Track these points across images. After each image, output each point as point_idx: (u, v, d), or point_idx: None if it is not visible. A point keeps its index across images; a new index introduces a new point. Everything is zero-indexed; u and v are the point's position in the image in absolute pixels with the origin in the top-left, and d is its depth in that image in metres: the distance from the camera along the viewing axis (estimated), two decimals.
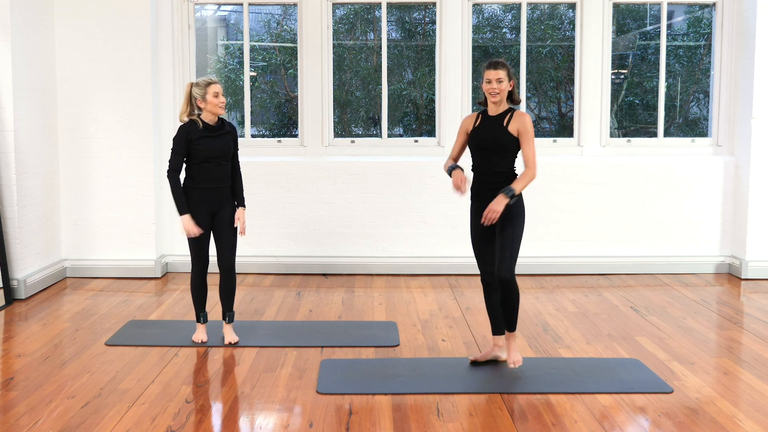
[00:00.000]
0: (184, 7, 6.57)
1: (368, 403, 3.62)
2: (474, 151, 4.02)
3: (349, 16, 7.60)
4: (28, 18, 5.77)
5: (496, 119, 3.95)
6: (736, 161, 6.54)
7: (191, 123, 4.33)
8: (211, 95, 4.29)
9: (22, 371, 4.05)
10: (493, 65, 3.89)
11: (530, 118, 3.95)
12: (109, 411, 3.51)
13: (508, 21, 7.71)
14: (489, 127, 3.95)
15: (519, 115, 3.94)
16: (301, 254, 6.57)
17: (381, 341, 4.58)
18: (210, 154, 4.31)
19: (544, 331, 4.84)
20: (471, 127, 4.03)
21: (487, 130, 3.94)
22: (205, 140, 4.31)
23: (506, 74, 3.88)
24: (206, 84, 4.31)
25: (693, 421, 3.41)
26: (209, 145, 4.31)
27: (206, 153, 4.31)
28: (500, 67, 3.87)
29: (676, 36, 7.82)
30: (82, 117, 6.26)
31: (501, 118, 3.94)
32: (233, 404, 3.61)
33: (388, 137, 6.80)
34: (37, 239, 5.91)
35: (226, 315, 4.55)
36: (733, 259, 6.52)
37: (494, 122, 3.95)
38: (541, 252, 6.53)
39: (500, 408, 3.56)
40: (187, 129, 4.32)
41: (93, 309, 5.36)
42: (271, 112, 8.04)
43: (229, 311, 4.55)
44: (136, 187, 6.32)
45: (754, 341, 4.63)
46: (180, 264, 6.55)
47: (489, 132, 3.93)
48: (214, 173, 4.35)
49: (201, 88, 4.30)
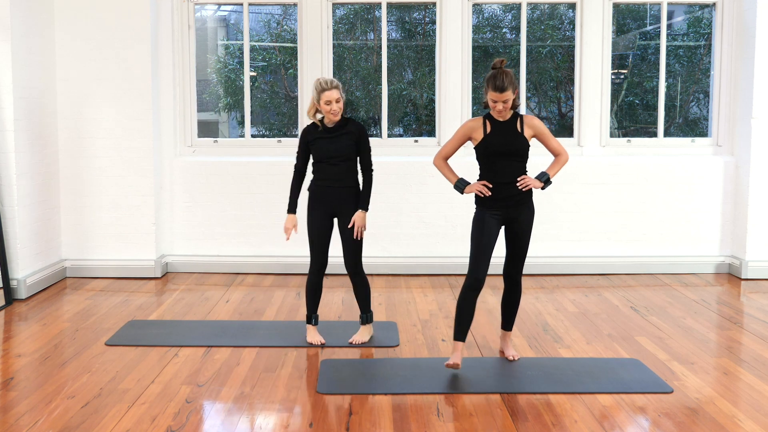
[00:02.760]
0: (184, 7, 6.57)
1: (368, 403, 3.62)
2: (489, 158, 3.97)
3: (349, 16, 7.60)
4: (28, 18, 5.77)
5: (508, 125, 3.96)
6: (736, 161, 6.54)
7: (311, 125, 4.45)
8: (323, 103, 4.30)
9: (22, 371, 4.05)
10: (499, 89, 3.81)
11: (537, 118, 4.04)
12: (109, 411, 3.51)
13: (508, 21, 7.71)
14: (504, 133, 3.94)
15: (528, 118, 3.99)
16: (300, 254, 6.56)
17: (381, 341, 4.58)
18: (324, 154, 4.38)
19: (544, 331, 4.85)
20: (482, 134, 3.97)
21: (503, 136, 3.94)
22: (320, 141, 4.38)
23: (512, 92, 3.84)
24: (321, 90, 4.30)
25: (693, 421, 3.41)
26: (323, 146, 4.37)
27: (320, 153, 4.39)
28: (506, 90, 3.81)
29: (676, 36, 7.83)
30: (82, 117, 6.26)
31: (512, 123, 3.96)
32: (233, 404, 3.61)
33: (388, 137, 6.80)
34: (37, 239, 5.92)
35: (361, 316, 4.58)
36: (733, 259, 6.52)
37: (507, 128, 3.95)
38: (541, 252, 6.53)
39: (500, 408, 3.56)
40: (306, 131, 4.48)
41: (93, 309, 5.36)
42: (271, 112, 8.04)
43: (364, 312, 4.56)
44: (136, 187, 6.32)
45: (754, 341, 4.63)
46: (180, 264, 6.55)
47: (506, 138, 3.93)
48: (329, 172, 4.39)
49: (317, 92, 4.32)
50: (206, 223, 6.57)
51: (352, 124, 4.41)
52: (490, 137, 3.95)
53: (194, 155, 6.67)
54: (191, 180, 6.55)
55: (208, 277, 6.40)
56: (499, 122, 3.96)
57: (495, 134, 3.95)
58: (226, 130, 8.46)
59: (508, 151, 3.93)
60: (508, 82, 3.81)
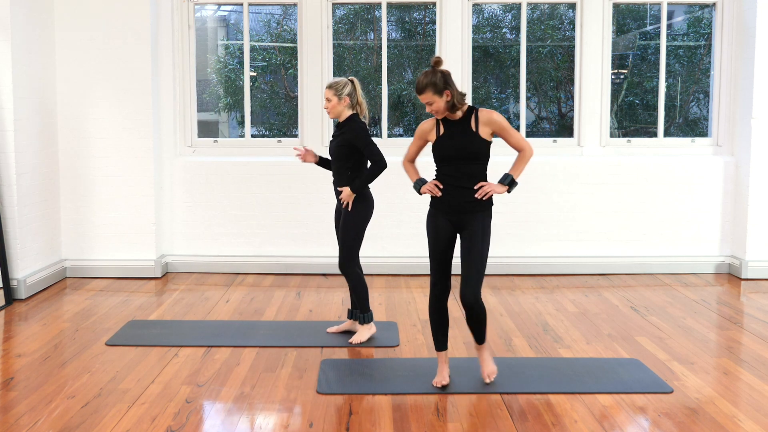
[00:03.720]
0: (184, 7, 6.57)
1: (368, 403, 3.62)
2: (441, 162, 3.70)
3: (349, 16, 7.61)
4: (28, 18, 5.77)
5: (461, 125, 3.64)
6: (736, 161, 6.54)
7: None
8: (324, 99, 4.49)
9: (22, 371, 4.05)
10: (417, 90, 3.60)
11: (496, 111, 3.65)
12: (109, 411, 3.51)
13: (508, 21, 7.72)
14: (457, 134, 3.63)
15: (484, 114, 3.63)
16: (301, 254, 6.57)
17: (381, 341, 4.58)
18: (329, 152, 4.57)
19: (544, 331, 4.85)
20: (434, 135, 3.69)
21: (455, 137, 3.63)
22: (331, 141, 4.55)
23: (433, 93, 3.54)
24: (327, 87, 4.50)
25: (693, 421, 3.41)
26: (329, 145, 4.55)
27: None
28: (424, 92, 3.56)
29: (676, 36, 7.83)
30: (82, 117, 6.26)
31: (466, 121, 3.63)
32: (233, 404, 3.61)
33: (388, 137, 6.80)
34: (37, 239, 5.92)
35: (358, 316, 4.63)
36: (733, 259, 6.52)
37: (461, 128, 3.64)
38: (541, 252, 6.53)
39: (500, 408, 3.56)
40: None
41: (93, 309, 5.36)
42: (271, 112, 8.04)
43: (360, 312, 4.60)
44: (136, 187, 6.32)
45: (754, 341, 4.63)
46: (180, 264, 6.55)
47: (458, 140, 3.62)
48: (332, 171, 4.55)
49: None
50: (206, 223, 6.57)
51: (346, 126, 4.43)
52: (440, 140, 3.67)
53: (194, 155, 6.67)
54: (191, 180, 6.55)
55: (208, 277, 6.40)
56: (453, 122, 3.65)
57: (447, 136, 3.65)
58: (226, 130, 8.47)
59: (460, 154, 3.62)
60: (426, 82, 3.54)
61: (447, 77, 3.58)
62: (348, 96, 4.42)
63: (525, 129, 6.75)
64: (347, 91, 4.42)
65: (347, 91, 4.42)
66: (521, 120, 6.75)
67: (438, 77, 3.56)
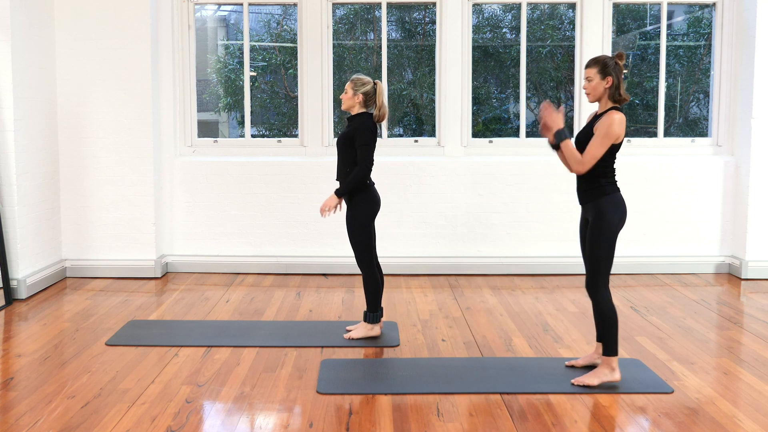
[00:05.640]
0: (184, 7, 6.57)
1: (368, 403, 3.62)
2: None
3: (349, 16, 7.61)
4: (28, 18, 5.77)
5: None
6: (736, 161, 6.54)
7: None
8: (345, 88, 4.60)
9: (22, 371, 4.05)
10: (586, 64, 3.81)
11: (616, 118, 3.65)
12: (109, 411, 3.51)
13: (508, 21, 7.72)
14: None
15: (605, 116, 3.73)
16: (301, 254, 6.57)
17: (381, 341, 4.58)
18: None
19: (544, 331, 4.85)
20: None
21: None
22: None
23: (597, 72, 3.71)
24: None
25: (693, 421, 3.41)
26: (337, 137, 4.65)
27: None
28: (592, 66, 3.75)
29: (676, 36, 7.83)
30: (82, 117, 6.26)
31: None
32: (233, 404, 3.61)
33: (388, 137, 6.80)
34: (37, 239, 5.92)
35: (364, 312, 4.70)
36: (733, 259, 6.52)
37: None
38: (541, 252, 6.53)
39: (500, 408, 3.56)
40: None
41: (93, 309, 5.36)
42: (271, 112, 8.04)
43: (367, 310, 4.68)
44: (136, 187, 6.32)
45: (754, 341, 4.63)
46: (180, 264, 6.55)
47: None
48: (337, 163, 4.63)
49: None
50: (206, 223, 6.57)
51: (356, 120, 4.50)
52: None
53: (194, 155, 6.67)
54: (191, 180, 6.55)
55: (208, 277, 6.40)
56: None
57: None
58: (226, 130, 8.47)
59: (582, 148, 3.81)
60: (598, 59, 3.74)
61: (618, 70, 3.74)
62: (363, 94, 4.49)
63: (525, 129, 6.75)
64: (364, 90, 4.50)
65: (364, 90, 4.50)
66: (521, 120, 6.75)
67: (611, 62, 3.73)
